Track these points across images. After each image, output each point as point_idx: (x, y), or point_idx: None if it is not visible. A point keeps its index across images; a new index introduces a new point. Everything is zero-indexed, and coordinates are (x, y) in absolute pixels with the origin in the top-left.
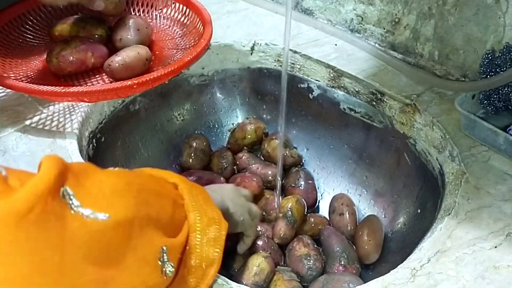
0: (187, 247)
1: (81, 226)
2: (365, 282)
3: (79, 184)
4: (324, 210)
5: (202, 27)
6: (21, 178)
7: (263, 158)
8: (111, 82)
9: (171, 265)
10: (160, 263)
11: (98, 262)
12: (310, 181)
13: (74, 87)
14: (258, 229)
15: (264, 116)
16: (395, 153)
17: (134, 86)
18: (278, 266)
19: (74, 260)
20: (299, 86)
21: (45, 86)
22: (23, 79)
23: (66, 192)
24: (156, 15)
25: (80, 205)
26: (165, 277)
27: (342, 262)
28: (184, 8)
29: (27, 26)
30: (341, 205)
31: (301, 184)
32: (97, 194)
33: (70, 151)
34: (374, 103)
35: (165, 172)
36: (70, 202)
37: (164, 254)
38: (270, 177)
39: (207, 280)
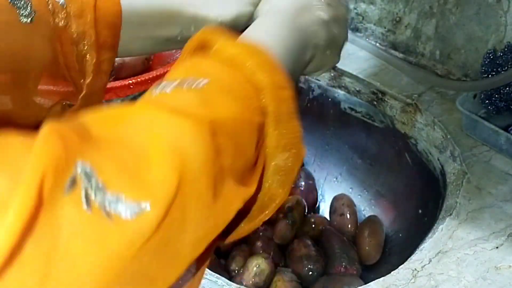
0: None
1: (93, 246)
2: (365, 283)
3: (102, 152)
4: (324, 211)
5: None
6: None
7: None
8: (110, 82)
9: None
10: None
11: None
12: (311, 181)
13: None
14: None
15: None
16: (396, 153)
17: (133, 86)
18: (278, 267)
19: None
20: (299, 85)
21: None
22: None
23: (80, 169)
24: None
25: (104, 187)
26: None
27: (343, 263)
28: None
29: None
30: (341, 205)
31: (301, 185)
32: (138, 163)
33: None
34: (375, 102)
35: (243, 49)
36: (88, 185)
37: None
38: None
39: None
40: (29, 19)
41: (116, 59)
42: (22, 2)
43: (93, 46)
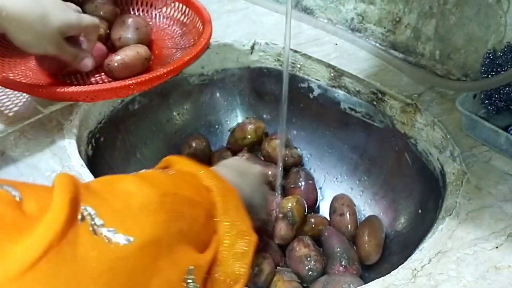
0: (213, 265)
1: (100, 254)
2: (365, 283)
3: (100, 200)
4: (324, 211)
5: (201, 26)
6: (38, 198)
7: (263, 158)
8: (110, 82)
9: (195, 286)
10: (184, 284)
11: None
12: (311, 181)
13: (73, 86)
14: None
15: (264, 116)
16: (396, 153)
17: (133, 86)
18: (278, 267)
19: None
20: (299, 85)
21: (44, 86)
22: (22, 78)
23: (86, 212)
24: (155, 14)
25: (103, 224)
26: None
27: (343, 263)
28: (184, 7)
29: None
30: (341, 205)
31: (301, 185)
32: (122, 210)
33: (69, 151)
34: (375, 102)
35: (197, 167)
36: (93, 222)
37: (190, 275)
38: (270, 177)
39: None
40: None
41: (117, 59)
42: None
43: None
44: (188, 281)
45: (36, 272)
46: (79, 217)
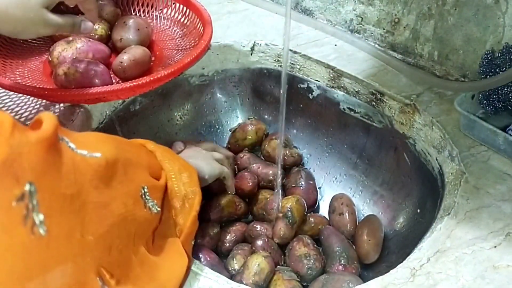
0: (168, 192)
1: (82, 160)
2: (364, 282)
3: (68, 134)
4: (324, 210)
5: (202, 28)
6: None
7: (263, 158)
8: (118, 82)
9: (154, 202)
10: (142, 199)
11: (98, 188)
12: (311, 181)
13: (75, 89)
14: (257, 227)
15: (264, 116)
16: (395, 153)
17: (135, 88)
18: (278, 266)
19: (83, 182)
20: (299, 86)
21: (45, 87)
22: (23, 80)
23: (62, 139)
24: (156, 15)
25: (76, 148)
26: (150, 212)
27: (342, 262)
28: (184, 8)
29: None
30: (340, 205)
31: (302, 184)
32: (85, 141)
33: None
34: (374, 103)
35: (148, 141)
36: (68, 145)
37: (146, 192)
38: (270, 177)
39: (193, 212)
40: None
41: (127, 56)
42: None
43: None
44: (145, 197)
45: (53, 148)
46: (60, 138)
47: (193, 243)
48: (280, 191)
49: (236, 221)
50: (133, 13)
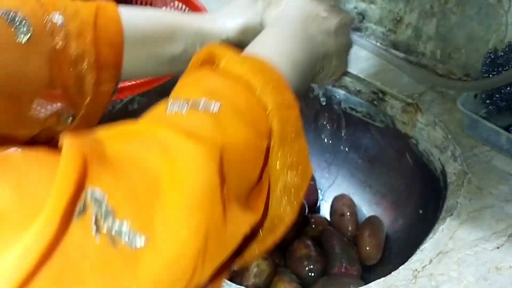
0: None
1: (96, 263)
2: (366, 284)
3: (116, 175)
4: (325, 211)
5: None
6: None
7: None
8: None
9: None
10: None
11: None
12: (312, 182)
13: None
14: None
15: None
16: (397, 153)
17: (133, 87)
18: (279, 268)
19: None
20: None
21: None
22: None
23: (92, 196)
24: None
25: (113, 212)
26: None
27: (343, 263)
28: (183, 6)
29: None
30: (342, 205)
31: None
32: (146, 195)
33: None
34: (376, 102)
35: (248, 65)
36: (98, 211)
37: None
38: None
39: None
40: (27, 38)
41: None
42: (19, 21)
43: (93, 66)
44: None
45: None
46: (78, 208)
47: None
48: None
49: None
50: None
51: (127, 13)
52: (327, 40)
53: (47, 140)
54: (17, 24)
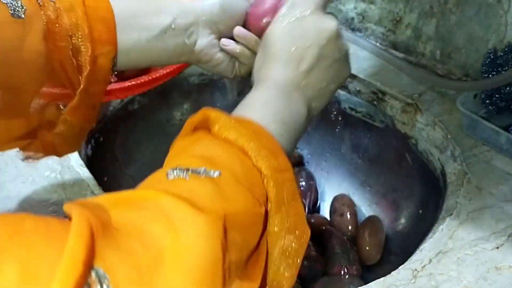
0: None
1: None
2: (366, 283)
3: (119, 253)
4: (325, 211)
5: None
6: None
7: None
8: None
9: None
10: None
11: None
12: (312, 182)
13: None
14: None
15: None
16: (397, 153)
17: (133, 88)
18: None
19: None
20: None
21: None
22: None
23: (96, 276)
24: None
25: None
26: None
27: (343, 263)
28: None
29: None
30: (341, 205)
31: (302, 185)
32: (149, 271)
33: None
34: (375, 102)
35: (241, 131)
36: None
37: None
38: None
39: None
40: (21, 14)
41: None
42: None
43: (87, 38)
44: None
45: None
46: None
47: None
48: None
49: None
50: None
51: None
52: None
53: (48, 130)
54: (12, 1)
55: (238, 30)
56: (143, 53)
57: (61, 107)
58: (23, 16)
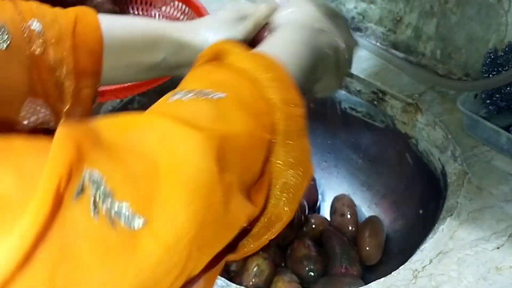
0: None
1: (94, 246)
2: (366, 284)
3: (113, 160)
4: (325, 211)
5: None
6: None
7: None
8: None
9: None
10: None
11: None
12: (312, 182)
13: None
14: None
15: None
16: (397, 153)
17: (132, 88)
18: (279, 268)
19: None
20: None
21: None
22: None
23: (90, 178)
24: (155, 13)
25: (111, 194)
26: None
27: (343, 264)
28: (183, 6)
29: None
30: (342, 206)
31: None
32: (145, 176)
33: None
34: (376, 102)
35: (256, 60)
36: (97, 192)
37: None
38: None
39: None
40: (5, 45)
41: None
42: None
43: (72, 73)
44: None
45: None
46: (76, 190)
47: None
48: None
49: None
50: (131, 11)
51: (107, 21)
52: (331, 55)
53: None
54: None
55: None
56: (126, 81)
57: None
58: (4, 47)
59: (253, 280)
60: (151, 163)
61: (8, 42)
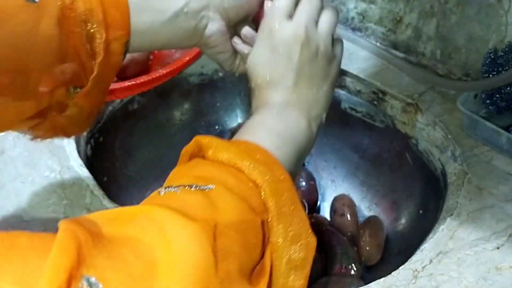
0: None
1: None
2: (366, 284)
3: (111, 261)
4: (325, 211)
5: None
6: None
7: None
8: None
9: None
10: None
11: None
12: (312, 182)
13: None
14: None
15: None
16: (397, 153)
17: (133, 88)
18: None
19: None
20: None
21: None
22: None
23: (87, 284)
24: None
25: None
26: None
27: (343, 264)
28: None
29: None
30: (342, 205)
31: (302, 185)
32: (143, 277)
33: (68, 151)
34: (376, 102)
35: (235, 151)
36: None
37: None
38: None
39: None
40: None
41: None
42: None
43: (102, 24)
44: None
45: None
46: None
47: None
48: None
49: None
50: None
51: None
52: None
53: (58, 112)
54: None
55: (246, 31)
56: (155, 37)
57: (71, 89)
58: (36, 1)
59: None
60: (150, 261)
61: None
